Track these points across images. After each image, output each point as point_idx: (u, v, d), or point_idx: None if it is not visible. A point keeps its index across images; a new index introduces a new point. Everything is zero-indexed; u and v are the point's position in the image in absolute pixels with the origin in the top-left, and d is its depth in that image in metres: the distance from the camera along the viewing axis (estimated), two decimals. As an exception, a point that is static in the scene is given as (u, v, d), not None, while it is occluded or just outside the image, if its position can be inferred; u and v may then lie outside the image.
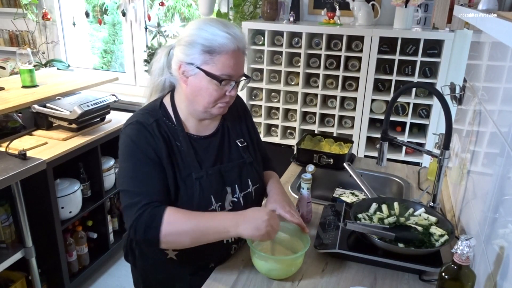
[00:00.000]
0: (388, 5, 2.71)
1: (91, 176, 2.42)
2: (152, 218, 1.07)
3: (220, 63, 1.09)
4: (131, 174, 1.12)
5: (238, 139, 1.29)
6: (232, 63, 1.10)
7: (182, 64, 1.12)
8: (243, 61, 1.15)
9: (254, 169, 1.29)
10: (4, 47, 3.97)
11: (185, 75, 1.13)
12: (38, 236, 2.11)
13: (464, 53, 2.47)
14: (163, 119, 1.19)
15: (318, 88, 2.78)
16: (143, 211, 1.07)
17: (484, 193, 1.13)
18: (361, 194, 1.75)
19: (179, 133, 1.19)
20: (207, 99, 1.14)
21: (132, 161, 1.13)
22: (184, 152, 1.18)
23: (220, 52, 1.09)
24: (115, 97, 2.46)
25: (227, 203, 1.22)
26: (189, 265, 1.25)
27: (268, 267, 1.15)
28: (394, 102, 1.51)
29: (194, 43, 1.09)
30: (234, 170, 1.24)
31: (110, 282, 2.50)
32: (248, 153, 1.29)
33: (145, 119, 1.16)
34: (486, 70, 1.38)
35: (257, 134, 1.43)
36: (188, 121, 1.22)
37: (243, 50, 1.14)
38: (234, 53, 1.10)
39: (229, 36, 1.08)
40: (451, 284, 0.95)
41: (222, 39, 1.08)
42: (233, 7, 3.06)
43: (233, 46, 1.09)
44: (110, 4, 4.21)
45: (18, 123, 2.31)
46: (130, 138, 1.14)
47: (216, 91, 1.12)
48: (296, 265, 1.16)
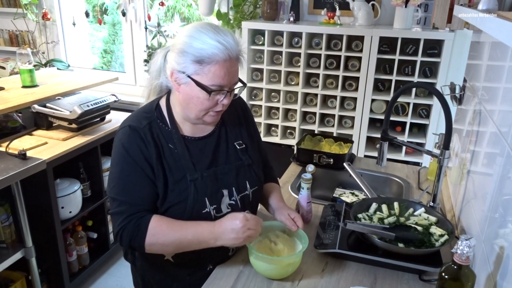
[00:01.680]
0: (388, 5, 2.71)
1: (91, 176, 2.42)
2: (137, 229, 1.11)
3: (211, 74, 1.08)
4: (119, 181, 1.15)
5: (237, 141, 1.29)
6: (222, 73, 1.08)
7: (174, 72, 1.12)
8: (236, 69, 1.13)
9: (253, 171, 1.28)
10: (4, 47, 3.97)
11: (177, 82, 1.13)
12: (38, 236, 2.11)
13: (464, 53, 2.47)
14: (157, 121, 1.19)
15: (318, 88, 2.78)
16: (129, 221, 1.11)
17: (484, 193, 1.13)
18: (361, 194, 1.75)
19: (173, 136, 1.19)
20: (199, 107, 1.14)
21: (122, 167, 1.15)
22: (178, 155, 1.17)
23: (210, 62, 1.07)
24: (115, 97, 2.46)
25: (224, 206, 1.21)
26: (187, 266, 1.26)
27: (265, 267, 1.15)
28: (394, 102, 1.51)
29: (185, 52, 1.08)
30: (231, 173, 1.24)
31: (110, 282, 2.50)
32: (246, 155, 1.28)
33: (137, 123, 1.16)
34: (486, 70, 1.38)
35: (258, 137, 1.42)
36: (184, 124, 1.22)
37: (236, 58, 1.11)
38: (225, 63, 1.08)
39: (219, 45, 1.06)
40: (451, 284, 0.95)
41: (212, 49, 1.06)
42: (233, 7, 3.06)
43: (223, 56, 1.07)
44: (110, 4, 4.21)
45: (18, 123, 2.31)
46: (122, 143, 1.15)
47: (207, 100, 1.12)
48: (294, 265, 1.16)
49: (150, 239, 1.11)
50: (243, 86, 1.20)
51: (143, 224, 1.11)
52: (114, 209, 1.14)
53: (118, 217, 1.12)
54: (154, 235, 1.11)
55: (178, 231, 1.12)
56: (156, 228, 1.11)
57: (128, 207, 1.12)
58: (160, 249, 1.16)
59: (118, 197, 1.14)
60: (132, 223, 1.11)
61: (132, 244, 1.12)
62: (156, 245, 1.12)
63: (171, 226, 1.12)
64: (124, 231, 1.11)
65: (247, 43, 2.82)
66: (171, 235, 1.11)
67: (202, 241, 1.12)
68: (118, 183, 1.14)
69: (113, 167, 1.17)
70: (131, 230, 1.11)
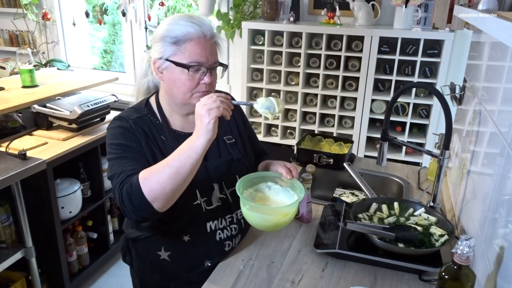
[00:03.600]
0: (388, 5, 2.71)
1: (91, 176, 2.42)
2: (130, 185, 1.06)
3: (187, 51, 1.12)
4: (115, 161, 1.15)
5: (226, 135, 1.30)
6: (199, 50, 1.12)
7: (156, 60, 1.16)
8: (212, 47, 1.16)
9: (243, 165, 1.29)
10: (4, 47, 3.97)
11: (160, 70, 1.17)
12: (38, 236, 2.11)
13: (464, 53, 2.47)
14: (148, 116, 1.22)
15: (318, 88, 2.78)
16: (123, 185, 1.07)
17: (484, 193, 1.13)
18: (361, 194, 1.75)
19: (164, 129, 1.21)
20: (182, 90, 1.15)
21: (115, 149, 1.16)
22: (170, 146, 1.18)
23: (185, 40, 1.12)
24: (115, 97, 2.46)
25: (215, 199, 1.24)
26: (184, 264, 1.26)
27: (260, 218, 1.11)
28: (394, 102, 1.51)
29: (162, 37, 1.14)
30: (222, 167, 1.25)
31: (110, 282, 2.50)
32: (236, 149, 1.30)
33: (128, 114, 1.20)
34: (486, 70, 1.38)
35: (250, 130, 1.43)
36: (173, 118, 1.24)
37: (211, 37, 1.15)
38: (200, 40, 1.12)
39: (192, 24, 1.12)
40: (451, 284, 0.95)
41: (186, 27, 1.11)
42: (233, 7, 3.06)
43: (197, 33, 1.12)
44: (110, 4, 4.21)
45: (18, 123, 2.31)
46: (114, 130, 1.18)
47: (188, 80, 1.14)
48: (289, 215, 1.12)
49: (143, 183, 1.04)
50: (224, 67, 1.23)
51: (134, 178, 1.06)
52: (113, 184, 1.12)
53: (116, 189, 1.09)
54: (145, 177, 1.04)
55: (165, 161, 1.06)
56: (145, 172, 1.06)
57: (123, 175, 1.10)
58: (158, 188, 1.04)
59: (115, 172, 1.12)
60: (126, 184, 1.07)
61: (134, 202, 1.05)
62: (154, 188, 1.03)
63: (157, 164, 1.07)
64: (123, 196, 1.06)
65: (247, 43, 2.82)
66: (162, 169, 1.05)
67: (186, 148, 1.04)
68: (114, 163, 1.14)
69: (109, 153, 1.17)
70: (127, 189, 1.06)
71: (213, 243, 1.24)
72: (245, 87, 2.92)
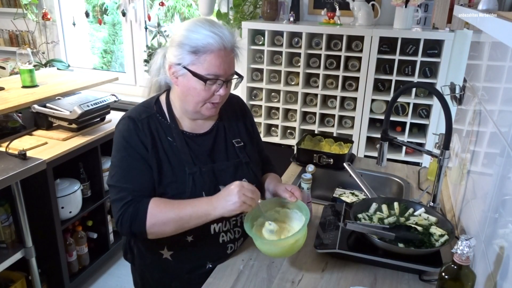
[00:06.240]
0: (388, 5, 2.71)
1: (91, 176, 2.42)
2: (136, 212, 1.11)
3: (206, 63, 1.10)
4: (119, 169, 1.16)
5: (235, 138, 1.30)
6: (218, 63, 1.11)
7: (172, 65, 1.15)
8: (231, 60, 1.15)
9: (250, 169, 1.29)
10: (4, 47, 3.97)
11: (175, 75, 1.15)
12: (38, 236, 2.11)
13: (464, 53, 2.47)
14: (156, 116, 1.21)
15: (318, 88, 2.78)
16: (128, 206, 1.12)
17: (484, 193, 1.13)
18: (361, 194, 1.75)
19: (172, 130, 1.21)
20: (196, 99, 1.15)
21: (121, 155, 1.17)
22: (177, 148, 1.19)
23: (205, 51, 1.10)
24: (115, 97, 2.46)
25: None
26: (185, 265, 1.26)
27: (273, 250, 1.15)
28: (394, 102, 1.51)
29: (181, 44, 1.11)
30: (229, 170, 1.25)
31: (110, 282, 2.50)
32: (244, 153, 1.29)
33: (137, 114, 1.19)
34: (486, 70, 1.38)
35: (257, 136, 1.43)
36: (183, 119, 1.24)
37: (231, 49, 1.14)
38: (219, 52, 1.11)
39: (214, 35, 1.09)
40: (451, 284, 0.95)
41: (207, 38, 1.09)
42: (233, 7, 3.06)
43: (218, 45, 1.10)
44: (110, 4, 4.22)
45: (18, 123, 2.31)
46: (121, 133, 1.18)
47: (204, 90, 1.13)
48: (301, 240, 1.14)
49: (150, 219, 1.10)
50: (240, 79, 1.21)
51: (142, 206, 1.11)
52: (114, 197, 1.15)
53: (118, 203, 1.13)
54: (154, 214, 1.10)
55: (177, 207, 1.12)
56: (155, 208, 1.11)
57: (127, 193, 1.13)
58: (161, 230, 1.13)
59: (118, 184, 1.15)
60: (132, 207, 1.11)
61: (133, 228, 1.11)
62: (157, 225, 1.11)
63: (170, 204, 1.13)
64: (124, 216, 1.11)
65: (247, 43, 2.82)
66: (171, 212, 1.11)
67: (201, 214, 1.11)
68: (118, 171, 1.16)
69: (114, 156, 1.19)
70: (131, 214, 1.11)
71: (216, 245, 1.24)
72: (245, 87, 2.92)
